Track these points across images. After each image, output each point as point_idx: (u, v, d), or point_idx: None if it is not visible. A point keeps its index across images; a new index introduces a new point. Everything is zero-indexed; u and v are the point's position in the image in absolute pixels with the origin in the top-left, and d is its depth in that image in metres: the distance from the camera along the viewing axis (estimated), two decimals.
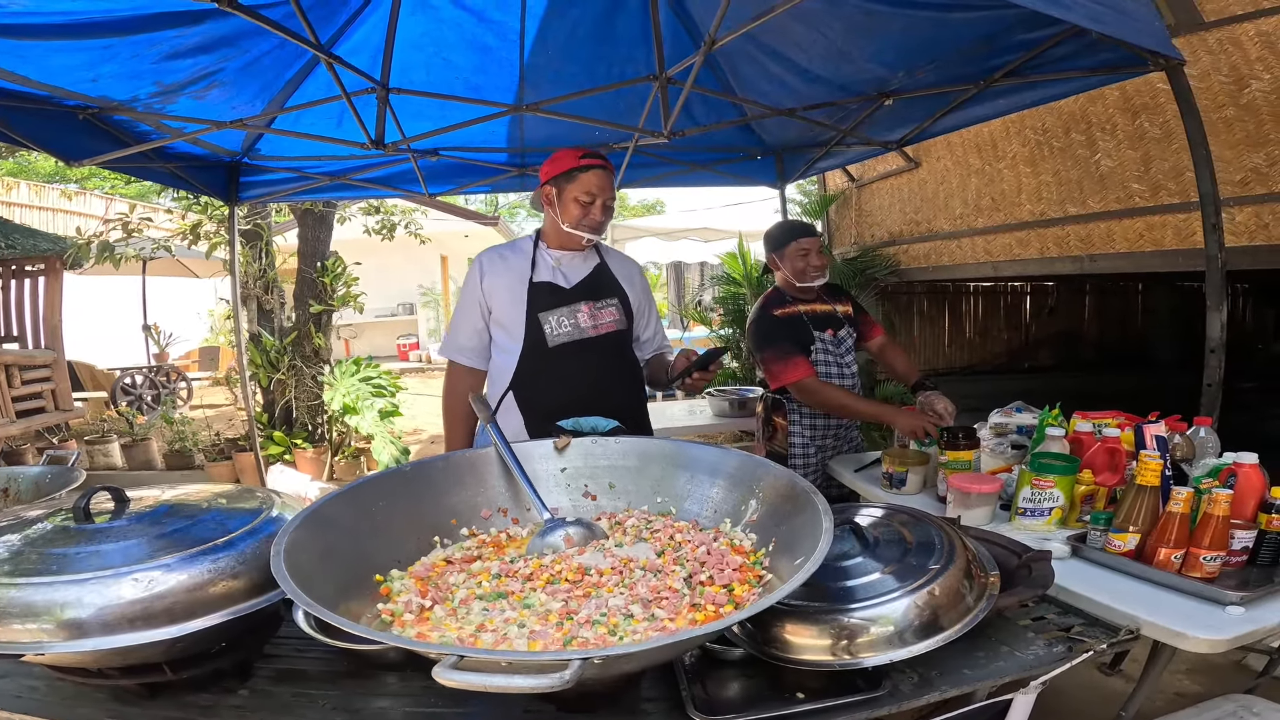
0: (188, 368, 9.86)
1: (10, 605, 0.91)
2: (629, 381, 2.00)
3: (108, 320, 9.12)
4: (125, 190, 12.84)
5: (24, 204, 8.66)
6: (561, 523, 1.23)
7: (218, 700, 1.04)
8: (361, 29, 2.59)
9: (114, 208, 9.65)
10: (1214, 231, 1.86)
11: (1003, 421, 2.12)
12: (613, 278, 2.01)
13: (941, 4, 2.05)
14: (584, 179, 1.84)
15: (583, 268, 1.97)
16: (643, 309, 2.06)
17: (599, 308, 1.93)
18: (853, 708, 0.99)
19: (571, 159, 1.86)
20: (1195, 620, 1.21)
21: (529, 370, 1.89)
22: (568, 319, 1.89)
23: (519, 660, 0.76)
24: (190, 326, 10.66)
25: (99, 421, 6.36)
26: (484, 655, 0.74)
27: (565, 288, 1.92)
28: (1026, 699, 1.09)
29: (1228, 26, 2.66)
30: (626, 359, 2.01)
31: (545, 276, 1.92)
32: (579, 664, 0.70)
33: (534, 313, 1.87)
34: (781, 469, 1.18)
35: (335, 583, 0.99)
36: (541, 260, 1.94)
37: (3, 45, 2.04)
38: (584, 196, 1.84)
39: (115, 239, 5.16)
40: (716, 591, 0.98)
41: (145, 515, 1.10)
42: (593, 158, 1.86)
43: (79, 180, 11.94)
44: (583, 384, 1.86)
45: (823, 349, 2.42)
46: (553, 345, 1.87)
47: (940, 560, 1.07)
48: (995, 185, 3.99)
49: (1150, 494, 1.43)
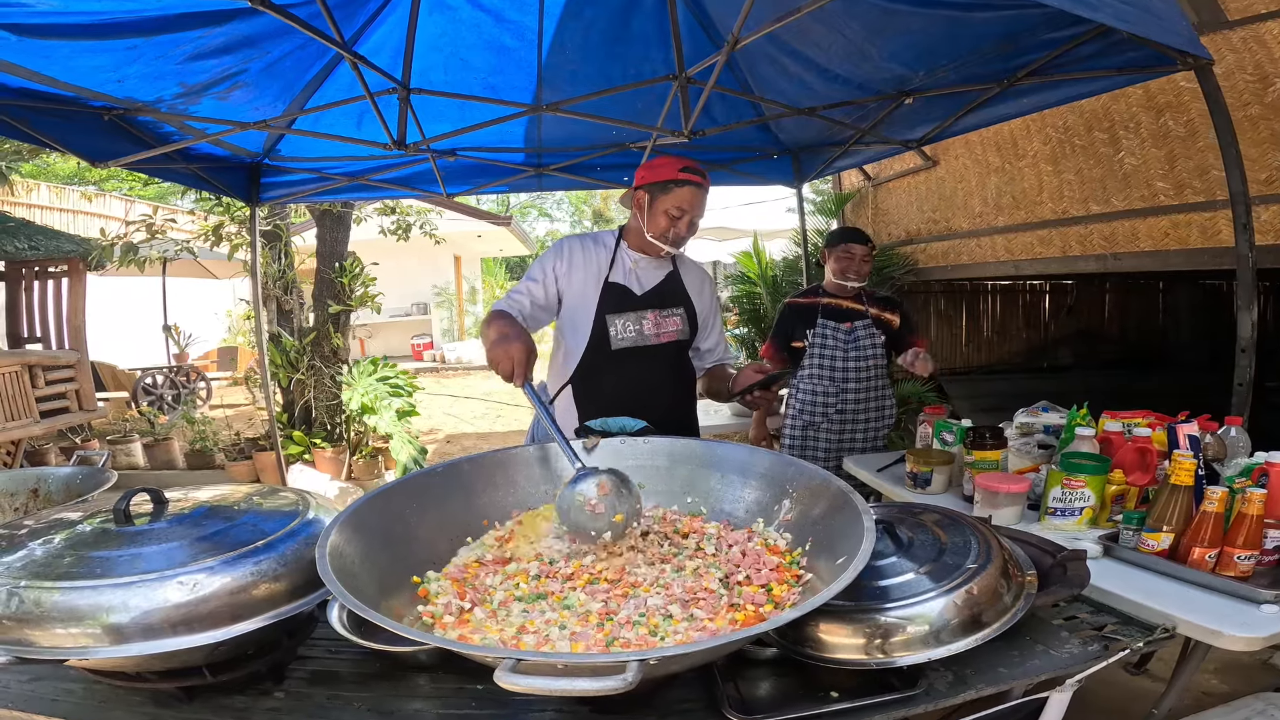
0: (206, 368, 9.97)
1: (55, 609, 0.91)
2: (682, 389, 2.05)
3: (128, 321, 9.24)
4: (143, 192, 13.01)
5: (44, 205, 8.79)
6: (594, 471, 1.21)
7: (253, 703, 1.03)
8: (380, 29, 2.61)
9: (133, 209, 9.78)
10: (1244, 231, 1.84)
11: (1029, 421, 2.10)
12: (683, 288, 2.03)
13: (964, 3, 2.02)
14: (680, 193, 1.84)
15: (656, 274, 1.99)
16: (708, 320, 2.08)
17: (664, 315, 1.97)
18: (888, 706, 0.99)
19: (672, 170, 1.85)
20: (1231, 619, 1.20)
21: (590, 368, 1.92)
22: (633, 324, 1.92)
23: (575, 663, 0.76)
24: (208, 327, 10.79)
25: (121, 421, 6.44)
26: (540, 658, 0.74)
27: (636, 294, 1.95)
28: (1062, 697, 1.08)
29: (1252, 25, 2.62)
30: (683, 367, 2.05)
31: (620, 278, 1.94)
32: (637, 665, 0.69)
33: (602, 313, 1.90)
34: (815, 468, 1.17)
35: (376, 584, 1.00)
36: (620, 260, 1.95)
37: (31, 45, 2.07)
38: (675, 211, 1.84)
39: (140, 240, 5.24)
40: (754, 591, 0.98)
41: (185, 517, 1.10)
42: (693, 173, 1.85)
43: (97, 182, 12.11)
44: (639, 388, 1.90)
45: (822, 337, 2.73)
46: (615, 348, 1.90)
47: (978, 559, 1.06)
48: (1016, 184, 3.96)
49: (1184, 494, 1.42)
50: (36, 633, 0.90)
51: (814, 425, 2.77)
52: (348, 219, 5.70)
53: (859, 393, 2.73)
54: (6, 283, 5.38)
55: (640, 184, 1.90)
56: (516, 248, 15.61)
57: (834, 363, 2.72)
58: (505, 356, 1.42)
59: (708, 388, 2.10)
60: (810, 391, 2.76)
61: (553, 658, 0.79)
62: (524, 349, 1.44)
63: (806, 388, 2.77)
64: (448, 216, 8.43)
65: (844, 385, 2.71)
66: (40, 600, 0.91)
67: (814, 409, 2.75)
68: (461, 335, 14.40)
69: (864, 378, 2.72)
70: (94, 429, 6.18)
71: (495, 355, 1.45)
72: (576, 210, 29.43)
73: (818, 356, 2.73)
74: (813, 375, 2.75)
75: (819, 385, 2.74)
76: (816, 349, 2.73)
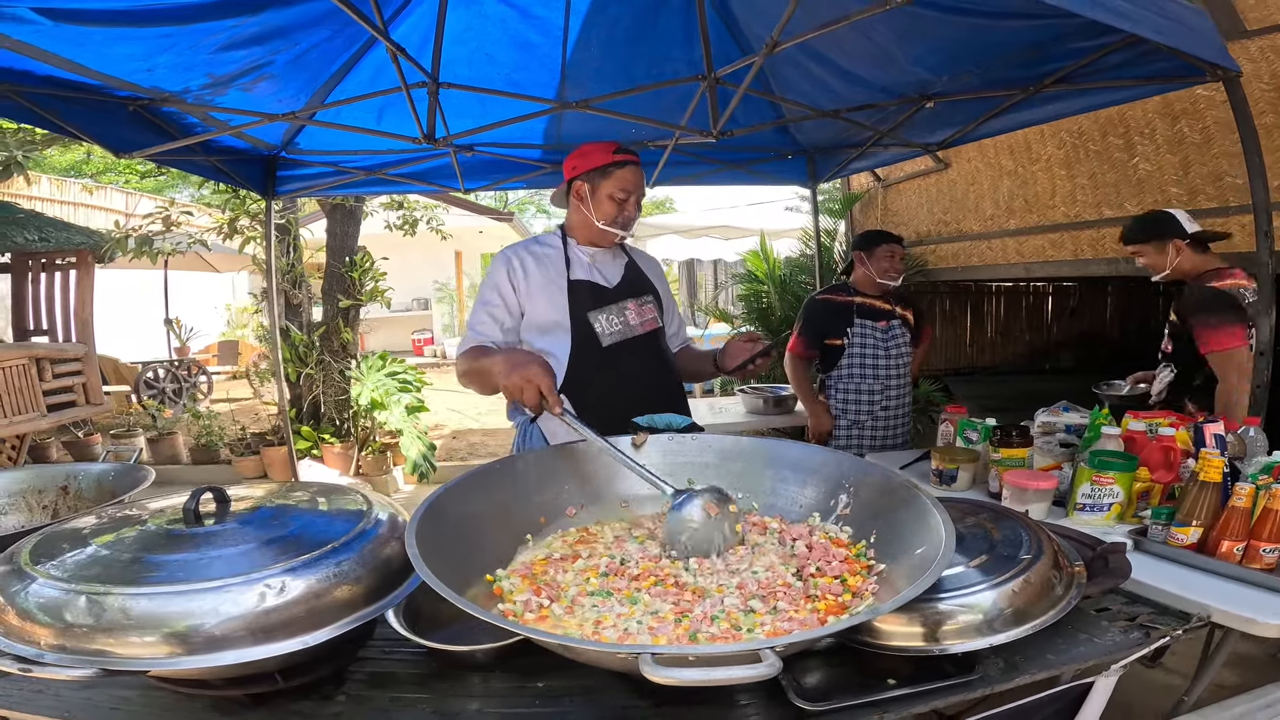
0: (207, 362, 9.93)
1: (142, 617, 0.85)
2: (672, 378, 2.01)
3: (129, 314, 9.20)
4: (141, 185, 12.93)
5: (46, 198, 8.73)
6: (693, 493, 1.19)
7: (318, 708, 1.00)
8: (406, 22, 2.60)
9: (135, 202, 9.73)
10: (1266, 239, 1.88)
11: (1051, 420, 2.15)
12: (644, 275, 2.00)
13: (995, 11, 2.02)
14: (619, 175, 1.81)
15: (616, 265, 1.95)
16: (669, 305, 2.07)
17: (641, 304, 1.92)
18: (946, 691, 1.02)
19: (604, 154, 1.81)
20: (1263, 608, 1.25)
21: (581, 372, 1.82)
22: (617, 318, 1.86)
23: (706, 654, 0.76)
24: (208, 320, 10.74)
25: (124, 415, 6.41)
26: (675, 651, 0.74)
27: (607, 287, 1.89)
28: (1108, 682, 1.13)
29: (1270, 35, 2.67)
30: (667, 354, 2.01)
31: (583, 275, 1.88)
32: (771, 652, 0.70)
33: (580, 312, 1.83)
34: (873, 464, 1.21)
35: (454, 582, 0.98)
36: (575, 257, 1.90)
37: (65, 31, 2.03)
38: (619, 193, 1.81)
39: (155, 232, 5.22)
40: (830, 583, 1.01)
41: (252, 518, 1.06)
42: (625, 153, 1.83)
43: (94, 175, 12.02)
44: (635, 382, 1.85)
45: (861, 335, 2.80)
46: (606, 345, 1.83)
47: (1030, 551, 1.10)
48: (1029, 187, 4.01)
49: (1213, 490, 1.47)
50: (118, 642, 0.85)
51: (859, 424, 2.84)
52: (358, 213, 5.70)
53: (899, 390, 2.84)
54: (13, 275, 5.34)
55: (575, 175, 1.85)
56: None
57: (876, 361, 2.79)
58: (528, 383, 1.32)
59: (684, 369, 2.08)
60: (855, 390, 2.82)
61: (685, 650, 0.79)
62: (545, 369, 1.34)
63: (850, 386, 2.83)
64: (452, 212, 8.42)
65: (887, 383, 2.81)
66: (127, 608, 0.85)
67: (859, 407, 2.82)
68: (462, 330, 14.37)
69: (901, 375, 2.83)
70: (96, 423, 6.14)
71: (514, 384, 1.34)
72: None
73: (858, 355, 2.80)
74: (854, 374, 2.82)
75: (864, 384, 2.81)
76: (857, 348, 2.80)
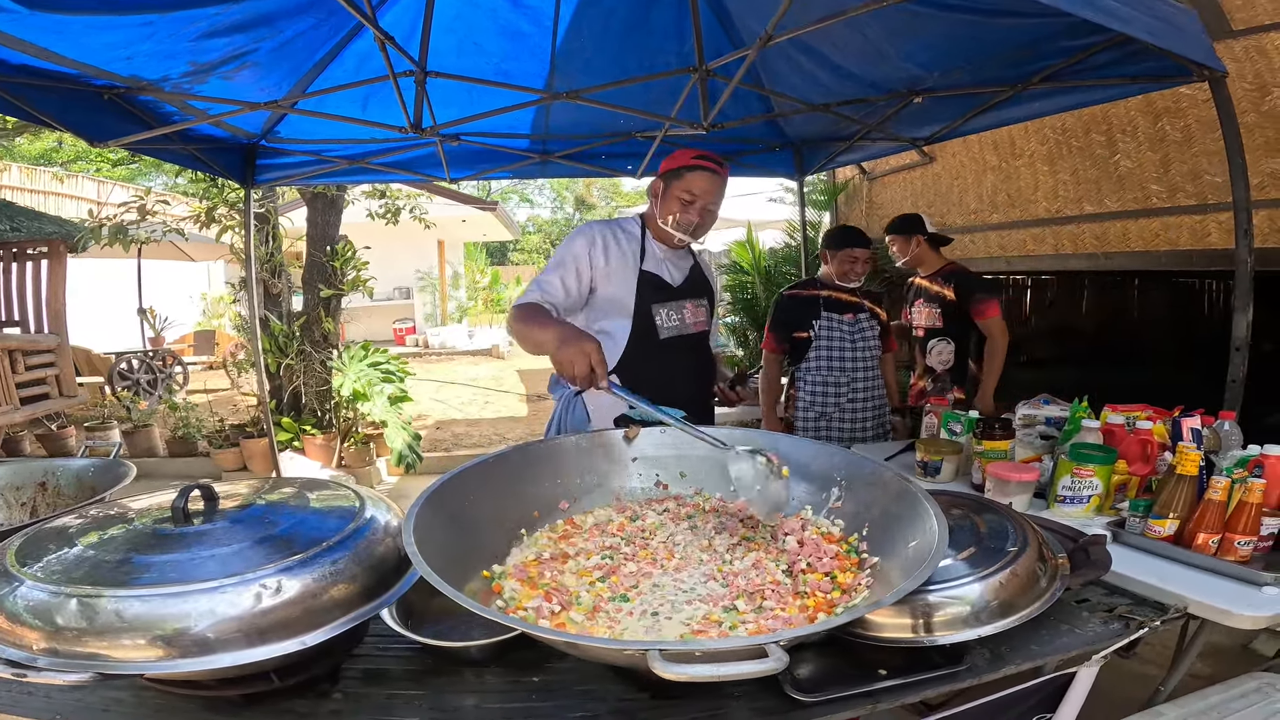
0: (183, 352, 9.74)
1: (136, 620, 0.83)
2: (708, 379, 2.12)
3: (101, 304, 8.97)
4: (112, 173, 12.60)
5: (16, 187, 8.47)
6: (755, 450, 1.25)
7: (315, 706, 1.00)
8: (394, 9, 2.56)
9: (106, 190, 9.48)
10: (1245, 237, 1.93)
11: (1031, 413, 2.18)
12: (705, 279, 2.08)
13: (989, 9, 2.04)
14: (690, 178, 1.86)
15: (683, 265, 2.03)
16: (715, 309, 2.16)
17: (696, 305, 2.02)
18: (935, 682, 1.05)
19: (685, 157, 1.88)
20: (1238, 600, 1.28)
21: (636, 359, 1.90)
22: (675, 314, 1.96)
23: (713, 649, 0.78)
24: (183, 310, 10.52)
25: (98, 407, 6.27)
26: (683, 647, 0.76)
27: (672, 284, 1.97)
28: (1090, 672, 1.17)
29: (1255, 36, 2.71)
30: (709, 356, 2.12)
31: (653, 268, 1.95)
32: (777, 646, 0.73)
33: (644, 304, 1.90)
34: (864, 457, 1.23)
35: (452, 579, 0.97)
36: (650, 249, 1.97)
37: (41, 20, 1.99)
38: (685, 195, 1.86)
39: (130, 222, 5.08)
40: (819, 579, 1.02)
41: (242, 516, 1.04)
42: (705, 160, 1.87)
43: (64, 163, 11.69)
44: (679, 377, 1.94)
45: (828, 328, 2.83)
46: (663, 338, 1.93)
47: (1016, 543, 1.13)
48: (1012, 182, 4.06)
49: (1189, 483, 1.51)
50: (112, 646, 0.83)
51: (826, 415, 2.86)
52: (340, 202, 5.61)
53: (866, 381, 2.85)
54: None
55: (660, 173, 1.93)
56: (500, 233, 15.47)
57: (843, 353, 2.81)
58: (581, 356, 1.32)
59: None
60: (821, 382, 2.85)
61: (693, 646, 0.82)
62: (598, 345, 1.34)
63: (817, 379, 2.85)
64: (435, 201, 8.31)
65: (854, 375, 2.83)
66: (120, 610, 0.84)
67: (826, 399, 2.84)
68: (444, 320, 14.25)
69: (869, 367, 2.85)
70: (70, 416, 6.00)
71: (568, 357, 1.33)
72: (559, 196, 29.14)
73: (825, 348, 2.83)
74: (821, 366, 2.84)
75: (830, 376, 2.84)
76: (824, 341, 2.83)
